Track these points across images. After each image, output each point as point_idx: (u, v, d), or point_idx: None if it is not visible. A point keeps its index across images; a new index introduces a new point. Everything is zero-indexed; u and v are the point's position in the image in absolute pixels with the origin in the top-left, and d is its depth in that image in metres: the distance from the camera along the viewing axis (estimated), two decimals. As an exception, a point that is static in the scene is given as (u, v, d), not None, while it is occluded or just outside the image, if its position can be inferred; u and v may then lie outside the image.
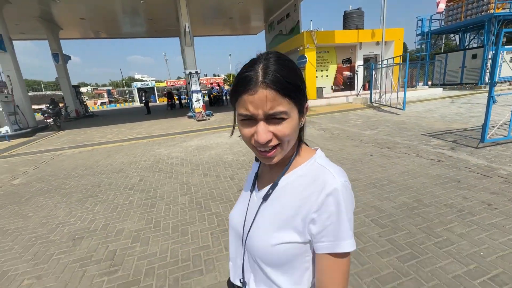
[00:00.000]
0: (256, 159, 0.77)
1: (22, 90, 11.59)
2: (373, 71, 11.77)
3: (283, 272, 0.60)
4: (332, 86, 14.94)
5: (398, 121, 7.67)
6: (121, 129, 10.96)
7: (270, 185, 0.64)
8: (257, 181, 0.72)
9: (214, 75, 56.24)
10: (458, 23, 16.26)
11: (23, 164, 6.35)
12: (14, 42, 12.26)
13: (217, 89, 21.01)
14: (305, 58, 12.92)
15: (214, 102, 19.60)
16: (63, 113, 15.82)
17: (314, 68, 13.41)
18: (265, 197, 0.64)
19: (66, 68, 16.54)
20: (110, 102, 33.80)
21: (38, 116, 16.23)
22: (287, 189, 0.61)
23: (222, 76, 63.58)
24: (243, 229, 0.67)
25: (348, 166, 4.24)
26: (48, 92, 36.38)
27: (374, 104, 11.52)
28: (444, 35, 21.33)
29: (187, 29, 11.94)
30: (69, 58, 17.29)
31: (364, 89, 14.74)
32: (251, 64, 0.53)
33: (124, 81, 62.09)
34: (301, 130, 0.63)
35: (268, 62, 0.52)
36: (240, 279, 0.70)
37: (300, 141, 0.65)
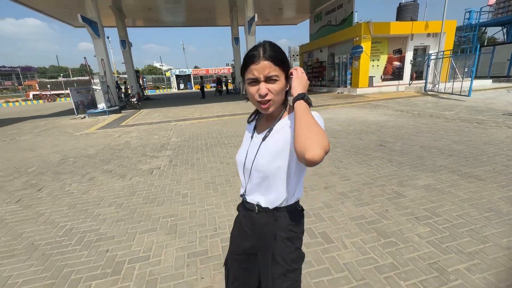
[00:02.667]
0: (248, 121, 1.11)
1: (110, 72, 13.18)
2: (430, 61, 12.45)
3: (279, 176, 0.93)
4: (381, 76, 15.66)
5: (468, 105, 8.54)
6: (196, 109, 12.34)
7: (268, 129, 0.96)
8: (256, 130, 1.04)
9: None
10: (510, 16, 16.34)
11: (159, 130, 7.82)
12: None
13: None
14: (361, 48, 13.72)
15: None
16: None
17: (369, 57, 14.19)
18: (264, 137, 0.96)
19: (131, 54, 18.12)
20: (150, 88, 35.64)
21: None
22: (280, 130, 0.93)
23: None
24: (245, 160, 1.00)
25: (451, 134, 5.29)
26: (84, 78, 38.44)
27: (429, 93, 12.26)
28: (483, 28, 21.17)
29: (256, 19, 12.97)
30: (131, 45, 18.85)
31: (411, 79, 15.36)
32: (254, 48, 0.86)
33: (148, 69, 64.13)
34: (287, 93, 0.94)
35: (265, 46, 0.85)
36: (242, 193, 1.07)
37: (286, 102, 0.96)
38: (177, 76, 33.16)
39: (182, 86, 33.26)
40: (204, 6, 17.71)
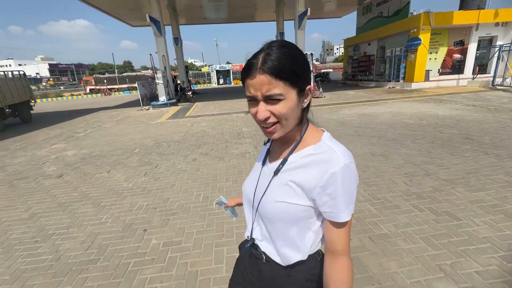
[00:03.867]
0: (265, 142, 0.89)
1: (169, 68, 14.25)
2: (501, 53, 11.45)
3: (290, 227, 0.71)
4: (439, 69, 14.73)
5: (554, 100, 7.82)
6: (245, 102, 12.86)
7: (281, 160, 0.73)
8: (268, 157, 0.81)
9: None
10: None
11: (225, 120, 8.43)
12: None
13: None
14: (420, 40, 13.05)
15: None
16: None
17: (427, 50, 13.44)
18: (276, 171, 0.72)
19: (182, 51, 19.29)
20: (192, 83, 37.40)
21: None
22: (299, 164, 0.68)
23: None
24: (254, 196, 0.78)
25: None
26: (136, 74, 41.47)
27: (498, 88, 11.31)
28: None
29: (308, 13, 13.01)
30: (181, 42, 20.00)
31: (475, 72, 14.22)
32: (256, 54, 0.62)
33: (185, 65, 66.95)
34: (306, 110, 0.70)
35: (270, 51, 0.60)
36: (247, 236, 0.85)
37: (307, 121, 0.72)
38: (217, 72, 34.39)
39: (221, 81, 34.40)
40: (253, 2, 18.11)
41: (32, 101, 12.14)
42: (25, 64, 73.72)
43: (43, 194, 3.76)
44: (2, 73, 10.55)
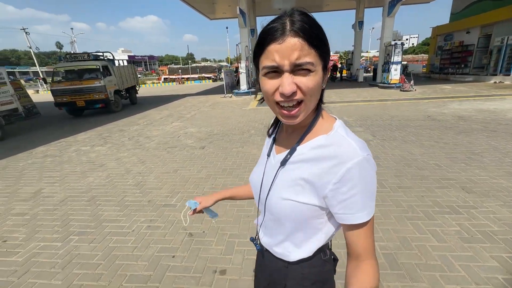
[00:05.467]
0: (269, 134, 0.78)
1: (250, 58, 14.92)
2: None
3: (298, 227, 0.65)
4: None
5: None
6: (340, 94, 12.64)
7: (288, 150, 0.65)
8: (275, 146, 0.73)
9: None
10: None
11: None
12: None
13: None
14: (548, 25, 10.85)
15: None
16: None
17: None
18: (283, 162, 0.65)
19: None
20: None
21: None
22: (309, 156, 0.61)
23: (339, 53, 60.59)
24: (261, 190, 0.72)
25: None
26: (203, 65, 44.38)
27: None
28: None
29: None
30: (257, 33, 20.58)
31: None
32: (276, 19, 0.53)
33: (236, 58, 68.76)
34: (322, 93, 0.61)
35: (293, 16, 0.52)
36: (255, 236, 0.81)
37: (319, 106, 0.64)
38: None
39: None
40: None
41: (138, 86, 14.16)
42: (110, 56, 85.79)
43: (201, 160, 4.44)
44: (121, 62, 12.56)
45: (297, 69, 0.52)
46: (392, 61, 12.74)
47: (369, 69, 27.24)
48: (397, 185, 3.14)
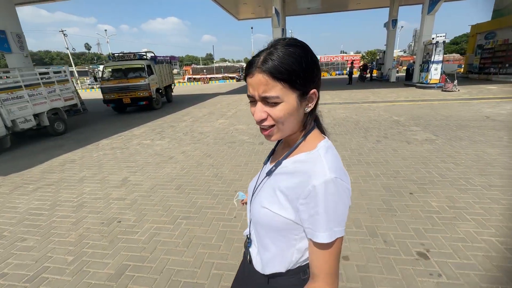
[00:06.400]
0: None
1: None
2: None
3: (272, 238, 0.68)
4: None
5: None
6: (364, 94, 12.42)
7: (275, 162, 0.71)
8: (271, 157, 0.80)
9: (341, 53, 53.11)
10: None
11: (362, 109, 8.46)
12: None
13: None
14: None
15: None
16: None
17: None
18: (269, 173, 0.72)
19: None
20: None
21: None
22: (288, 170, 0.66)
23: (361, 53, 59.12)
24: (252, 196, 0.76)
25: None
26: (226, 64, 44.95)
27: None
28: None
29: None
30: (285, 33, 20.59)
31: None
32: (260, 52, 0.59)
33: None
34: (310, 115, 0.65)
35: (273, 49, 0.56)
36: (247, 235, 0.84)
37: (312, 125, 0.67)
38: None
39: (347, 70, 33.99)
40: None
41: (173, 85, 14.65)
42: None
43: (265, 155, 4.56)
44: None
45: (265, 100, 0.58)
46: (432, 60, 12.30)
47: (396, 69, 26.37)
48: (487, 184, 3.08)
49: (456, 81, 11.19)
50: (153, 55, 11.97)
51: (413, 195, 2.93)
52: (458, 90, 11.15)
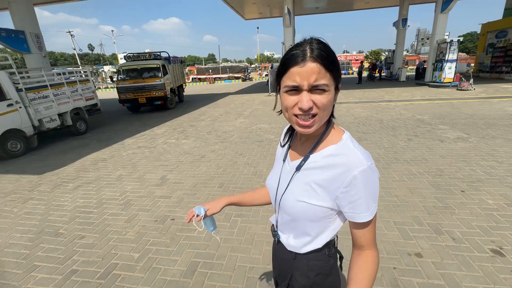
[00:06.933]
0: (282, 145, 0.89)
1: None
2: None
3: (309, 226, 0.75)
4: None
5: None
6: (392, 93, 12.38)
7: (303, 157, 0.74)
8: (289, 154, 0.82)
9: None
10: None
11: (381, 108, 8.43)
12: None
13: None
14: None
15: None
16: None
17: None
18: (298, 167, 0.75)
19: (294, 40, 19.89)
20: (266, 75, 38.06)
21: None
22: (320, 164, 0.70)
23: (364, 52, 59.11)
24: (277, 192, 0.82)
25: None
26: (231, 64, 44.94)
27: None
28: None
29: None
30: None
31: None
32: (297, 46, 0.63)
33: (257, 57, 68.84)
34: (333, 108, 0.70)
35: (312, 44, 0.62)
36: (273, 225, 0.93)
37: (330, 119, 0.73)
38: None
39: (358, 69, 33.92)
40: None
41: (185, 85, 14.67)
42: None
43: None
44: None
45: (314, 88, 0.61)
46: (446, 59, 12.24)
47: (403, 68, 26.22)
48: (537, 181, 3.06)
49: (472, 80, 11.13)
50: (167, 55, 11.98)
51: (465, 193, 2.92)
52: (474, 88, 11.09)
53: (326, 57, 0.61)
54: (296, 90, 0.63)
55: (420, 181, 3.25)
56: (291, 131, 0.87)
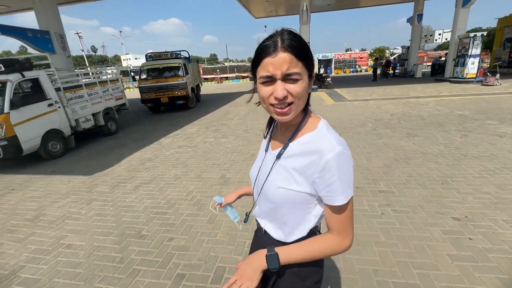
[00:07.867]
0: (264, 137, 0.93)
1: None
2: None
3: (290, 212, 0.77)
4: None
5: None
6: (415, 89, 12.21)
7: (283, 146, 0.78)
8: (270, 144, 0.86)
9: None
10: None
11: (402, 104, 8.28)
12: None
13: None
14: None
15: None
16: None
17: None
18: (278, 156, 0.78)
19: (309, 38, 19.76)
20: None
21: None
22: (297, 151, 0.73)
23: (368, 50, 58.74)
24: (256, 180, 0.87)
25: None
26: (237, 64, 44.82)
27: None
28: None
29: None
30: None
31: None
32: (269, 38, 0.65)
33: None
34: (309, 96, 0.73)
35: (283, 35, 0.64)
36: (246, 213, 1.03)
37: (307, 108, 0.76)
38: (319, 61, 33.98)
39: (322, 70, 33.89)
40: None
41: (201, 84, 14.58)
42: (140, 58, 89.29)
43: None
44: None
45: (287, 78, 0.63)
46: (470, 54, 12.05)
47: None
48: None
49: (498, 75, 10.93)
50: (187, 54, 11.88)
51: (561, 189, 2.78)
52: (500, 84, 10.89)
53: (297, 47, 0.62)
54: (270, 80, 0.65)
55: (504, 177, 3.11)
56: (272, 122, 0.91)
